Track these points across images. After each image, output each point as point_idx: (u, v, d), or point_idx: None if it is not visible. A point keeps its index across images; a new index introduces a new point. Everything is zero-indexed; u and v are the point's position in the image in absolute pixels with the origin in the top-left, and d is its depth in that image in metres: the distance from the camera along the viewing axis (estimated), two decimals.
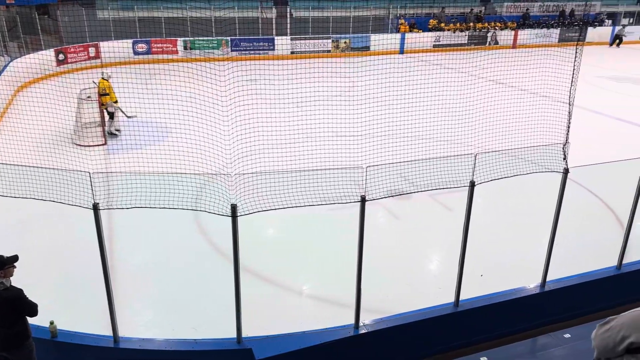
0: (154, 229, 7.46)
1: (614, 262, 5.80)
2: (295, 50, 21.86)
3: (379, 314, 5.13)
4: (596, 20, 28.04)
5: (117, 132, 11.73)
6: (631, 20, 30.29)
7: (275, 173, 4.60)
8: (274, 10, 23.62)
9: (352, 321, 4.87)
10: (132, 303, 5.96)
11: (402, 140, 7.37)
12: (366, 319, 4.99)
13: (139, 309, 5.99)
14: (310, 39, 22.10)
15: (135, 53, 19.94)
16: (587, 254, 6.69)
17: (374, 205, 6.79)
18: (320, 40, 22.27)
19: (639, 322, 2.66)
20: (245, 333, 4.61)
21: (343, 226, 6.54)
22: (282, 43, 21.57)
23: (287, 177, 4.57)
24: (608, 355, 2.82)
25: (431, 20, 25.01)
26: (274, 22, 22.93)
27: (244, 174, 4.38)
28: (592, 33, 27.28)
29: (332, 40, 22.53)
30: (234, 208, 4.02)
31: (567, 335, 4.70)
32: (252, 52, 21.28)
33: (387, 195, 4.94)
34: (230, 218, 4.06)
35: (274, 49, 21.74)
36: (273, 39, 21.98)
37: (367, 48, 22.44)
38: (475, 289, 5.41)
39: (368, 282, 4.92)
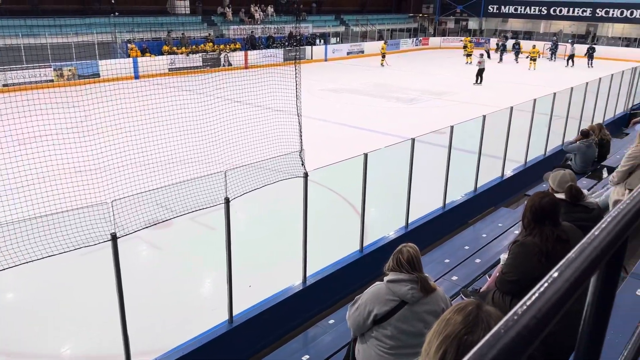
0: None
1: (357, 246, 6.66)
2: (8, 82, 18.97)
3: (154, 354, 4.80)
4: (310, 41, 31.94)
5: None
6: (338, 39, 35.42)
7: None
8: None
9: None
10: None
11: (150, 168, 7.10)
12: None
13: None
14: (25, 68, 19.47)
15: None
16: (337, 244, 7.53)
17: (131, 241, 6.34)
18: (38, 70, 19.81)
19: (378, 295, 3.13)
20: None
21: (97, 271, 5.95)
22: None
23: (15, 229, 3.90)
24: (361, 331, 3.22)
25: (165, 46, 24.83)
26: None
27: None
28: (310, 52, 30.99)
29: (54, 69, 20.31)
30: None
31: (332, 321, 5.18)
32: None
33: (142, 227, 4.67)
34: None
35: None
36: None
37: (97, 75, 20.95)
38: (248, 300, 5.54)
39: (137, 324, 4.56)
